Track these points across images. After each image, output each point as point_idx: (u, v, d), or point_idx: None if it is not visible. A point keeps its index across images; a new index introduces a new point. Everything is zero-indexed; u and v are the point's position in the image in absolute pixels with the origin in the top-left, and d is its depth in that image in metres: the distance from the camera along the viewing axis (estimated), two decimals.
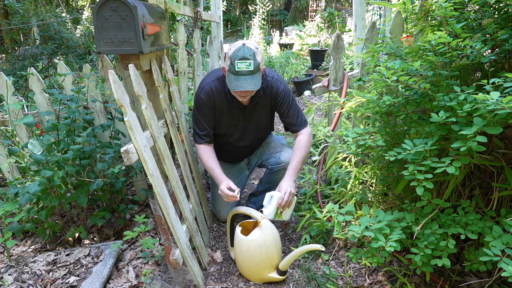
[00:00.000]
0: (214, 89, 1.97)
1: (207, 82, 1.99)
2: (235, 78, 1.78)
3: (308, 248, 1.71)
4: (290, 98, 2.05)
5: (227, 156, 2.28)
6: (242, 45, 1.78)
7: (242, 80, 1.77)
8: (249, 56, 1.75)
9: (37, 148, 1.79)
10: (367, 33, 2.28)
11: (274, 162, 2.21)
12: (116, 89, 1.34)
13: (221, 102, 1.99)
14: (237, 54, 1.76)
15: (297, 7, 13.42)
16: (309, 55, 6.99)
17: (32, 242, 2.06)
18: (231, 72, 1.79)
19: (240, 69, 1.75)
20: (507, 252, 1.15)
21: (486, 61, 1.32)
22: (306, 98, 4.82)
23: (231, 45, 1.83)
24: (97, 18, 1.58)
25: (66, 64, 2.41)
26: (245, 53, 1.75)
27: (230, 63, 1.78)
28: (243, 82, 1.77)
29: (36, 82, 2.18)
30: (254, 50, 1.78)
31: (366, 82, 1.96)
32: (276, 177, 2.21)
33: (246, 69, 1.75)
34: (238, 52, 1.76)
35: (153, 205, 1.65)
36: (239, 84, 1.78)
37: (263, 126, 2.20)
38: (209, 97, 1.97)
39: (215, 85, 1.97)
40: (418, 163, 1.24)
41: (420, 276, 1.67)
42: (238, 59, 1.75)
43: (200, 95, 1.98)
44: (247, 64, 1.75)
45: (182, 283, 1.79)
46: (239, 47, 1.77)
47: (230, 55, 1.78)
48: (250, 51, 1.76)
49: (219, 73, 2.01)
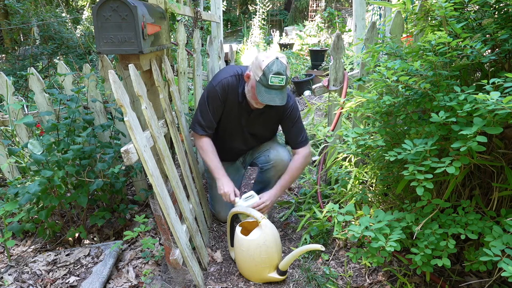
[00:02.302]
0: (230, 85, 1.98)
1: (224, 76, 1.99)
2: (267, 91, 1.81)
3: (308, 248, 1.71)
4: (296, 115, 2.09)
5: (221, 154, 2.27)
6: (276, 59, 1.80)
7: (273, 95, 1.81)
8: (283, 71, 1.79)
9: (37, 148, 1.79)
10: (367, 33, 2.28)
11: (264, 160, 2.23)
12: (116, 89, 1.34)
13: (232, 99, 2.00)
14: (271, 68, 1.78)
15: (297, 7, 13.41)
16: (309, 55, 6.99)
17: (32, 242, 2.06)
18: (263, 85, 1.81)
19: (273, 83, 1.79)
20: (507, 252, 1.15)
21: (486, 61, 1.32)
22: (306, 98, 4.81)
23: (264, 56, 1.83)
24: (97, 18, 1.58)
25: (66, 64, 2.41)
26: (279, 68, 1.78)
27: (262, 75, 1.80)
28: (274, 97, 1.81)
29: (36, 82, 2.18)
30: (286, 65, 1.82)
31: (366, 82, 1.96)
32: (267, 176, 2.24)
33: (279, 84, 1.80)
34: (273, 66, 1.78)
35: (153, 205, 1.65)
36: (271, 98, 1.81)
37: (263, 136, 2.23)
38: (224, 91, 1.98)
39: (232, 81, 1.98)
40: (418, 163, 1.24)
41: (420, 276, 1.67)
42: (272, 74, 1.77)
43: (216, 87, 1.98)
44: (280, 80, 1.79)
45: (182, 283, 1.79)
46: (273, 60, 1.79)
47: (264, 68, 1.79)
48: (283, 67, 1.80)
49: (236, 69, 2.02)
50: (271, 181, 2.24)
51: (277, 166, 2.19)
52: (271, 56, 1.82)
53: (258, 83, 1.83)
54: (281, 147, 2.26)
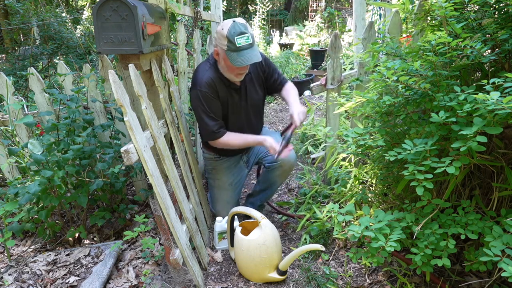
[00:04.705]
0: (212, 79, 1.94)
1: (202, 76, 1.95)
2: (239, 54, 1.79)
3: (308, 248, 1.71)
4: (270, 60, 2.16)
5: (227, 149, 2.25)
6: (233, 22, 1.79)
7: (246, 54, 1.79)
8: (245, 30, 1.79)
9: (37, 148, 1.79)
10: (365, 33, 2.28)
11: (271, 159, 2.21)
12: (116, 89, 1.34)
13: (222, 89, 1.98)
14: (233, 31, 1.77)
15: (297, 7, 13.41)
16: (309, 55, 7.00)
17: (32, 242, 2.06)
18: (233, 50, 1.79)
19: (241, 44, 1.78)
20: (507, 252, 1.15)
21: (486, 61, 1.32)
22: (306, 98, 4.81)
23: (222, 25, 1.83)
24: (97, 18, 1.58)
25: (66, 64, 2.41)
26: (241, 29, 1.78)
27: (228, 42, 1.78)
28: (248, 56, 1.80)
29: (36, 82, 2.18)
30: (246, 24, 1.82)
31: (365, 82, 1.96)
32: (273, 175, 2.21)
33: (246, 43, 1.79)
34: (233, 29, 1.77)
35: (153, 205, 1.65)
36: (245, 58, 1.80)
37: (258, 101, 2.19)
38: (212, 88, 1.93)
39: (211, 75, 1.95)
40: (418, 163, 1.24)
41: (420, 276, 1.67)
42: (236, 35, 1.76)
43: (203, 89, 1.92)
44: (246, 38, 1.79)
45: (182, 283, 1.79)
46: (232, 24, 1.78)
47: (226, 34, 1.78)
48: (244, 26, 1.80)
49: (207, 62, 2.00)
50: (276, 181, 2.23)
51: (284, 166, 2.17)
52: (227, 22, 1.81)
53: (228, 51, 1.81)
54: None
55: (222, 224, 2.09)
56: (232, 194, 2.27)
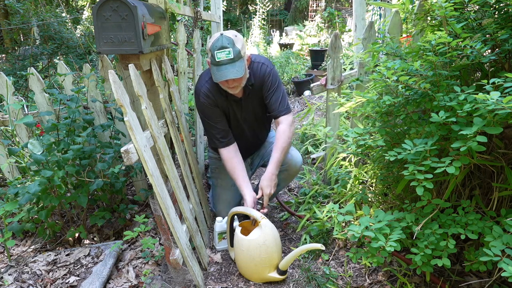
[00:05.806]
0: (210, 89, 1.94)
1: (201, 85, 1.96)
2: (217, 69, 1.75)
3: (308, 248, 1.71)
4: (276, 81, 2.01)
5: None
6: (220, 35, 1.76)
7: (223, 70, 1.74)
8: (228, 44, 1.72)
9: (37, 148, 1.79)
10: (365, 33, 2.28)
11: None
12: (116, 89, 1.34)
13: (220, 100, 1.97)
14: (215, 45, 1.73)
15: (297, 7, 13.41)
16: (309, 55, 7.00)
17: (32, 242, 2.06)
18: (213, 64, 1.76)
19: (220, 59, 1.72)
20: (507, 252, 1.15)
21: (486, 61, 1.32)
22: (306, 98, 4.81)
23: (212, 37, 1.81)
24: (97, 18, 1.58)
25: (66, 64, 2.41)
26: (223, 42, 1.72)
27: (211, 55, 1.76)
28: (225, 71, 1.74)
29: (36, 82, 2.18)
30: (232, 38, 1.75)
31: (365, 82, 1.96)
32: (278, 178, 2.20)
33: (226, 58, 1.71)
34: (217, 42, 1.73)
35: (153, 205, 1.65)
36: (222, 74, 1.74)
37: (260, 116, 2.16)
38: (209, 98, 1.95)
39: (209, 85, 1.94)
40: (418, 163, 1.24)
41: (420, 276, 1.67)
42: (217, 50, 1.72)
43: (200, 100, 1.95)
44: (227, 53, 1.72)
45: (182, 283, 1.79)
46: (217, 37, 1.75)
47: (210, 47, 1.76)
48: (228, 40, 1.73)
49: (208, 73, 1.98)
50: (280, 184, 2.21)
51: (290, 170, 2.16)
52: (216, 35, 1.77)
53: (211, 64, 1.78)
54: (295, 150, 2.21)
55: (222, 224, 2.09)
56: (234, 195, 2.27)
